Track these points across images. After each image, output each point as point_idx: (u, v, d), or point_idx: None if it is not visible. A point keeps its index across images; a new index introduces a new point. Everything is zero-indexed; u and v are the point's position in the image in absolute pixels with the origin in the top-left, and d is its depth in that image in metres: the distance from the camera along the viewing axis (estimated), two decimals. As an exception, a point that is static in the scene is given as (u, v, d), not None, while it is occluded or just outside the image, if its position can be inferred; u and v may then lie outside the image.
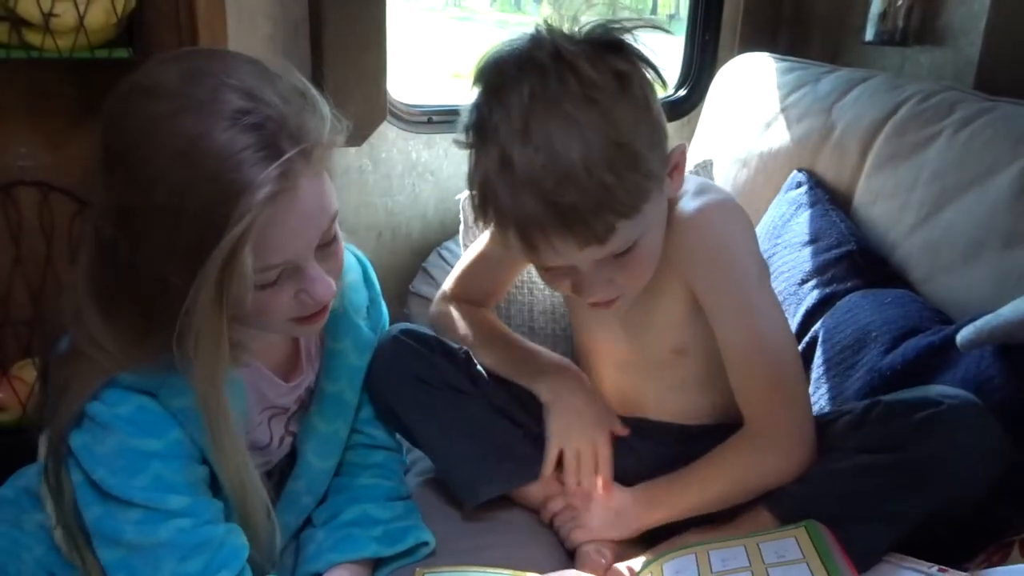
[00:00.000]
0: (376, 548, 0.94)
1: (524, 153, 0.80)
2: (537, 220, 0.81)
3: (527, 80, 0.80)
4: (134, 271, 0.73)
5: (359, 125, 1.41)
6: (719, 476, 0.97)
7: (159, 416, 0.78)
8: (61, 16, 1.07)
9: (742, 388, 0.97)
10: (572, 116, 0.79)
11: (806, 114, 1.42)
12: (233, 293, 0.71)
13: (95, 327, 0.75)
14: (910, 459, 0.86)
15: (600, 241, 0.83)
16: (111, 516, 0.77)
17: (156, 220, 0.70)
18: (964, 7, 1.41)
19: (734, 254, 0.95)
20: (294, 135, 0.71)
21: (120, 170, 0.71)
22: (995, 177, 1.11)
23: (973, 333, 0.93)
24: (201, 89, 0.70)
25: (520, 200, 0.81)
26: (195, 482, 0.80)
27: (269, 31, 1.37)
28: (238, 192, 0.68)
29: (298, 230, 0.75)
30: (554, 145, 0.79)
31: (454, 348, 1.07)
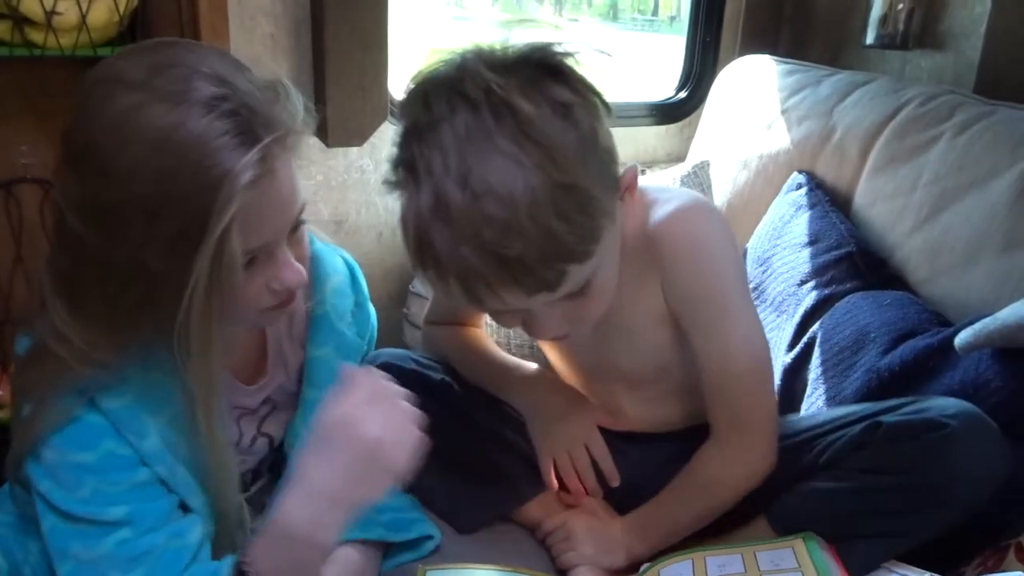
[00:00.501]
0: (383, 532, 0.94)
1: (462, 200, 0.72)
2: (479, 272, 0.75)
3: (459, 116, 0.73)
4: (104, 264, 0.72)
5: (361, 125, 1.42)
6: (696, 491, 0.97)
7: (91, 427, 0.77)
8: (64, 14, 1.07)
9: (711, 400, 0.96)
10: (512, 158, 0.72)
11: (807, 116, 1.42)
12: (224, 278, 0.71)
13: (61, 320, 0.75)
14: (918, 482, 0.85)
15: (550, 288, 0.77)
16: (58, 529, 0.77)
17: (133, 212, 0.69)
18: (965, 11, 1.42)
19: (710, 253, 0.91)
20: (269, 121, 0.72)
21: (91, 164, 0.70)
22: (994, 180, 1.11)
23: (971, 336, 0.94)
24: (171, 80, 0.70)
25: (459, 252, 0.74)
26: (134, 488, 0.79)
27: (271, 30, 1.37)
28: (220, 178, 0.68)
29: (275, 214, 0.76)
30: (494, 190, 0.72)
31: (434, 380, 1.05)
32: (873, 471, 0.88)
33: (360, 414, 0.74)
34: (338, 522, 0.75)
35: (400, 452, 0.74)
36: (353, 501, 0.75)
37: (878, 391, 1.04)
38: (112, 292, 0.73)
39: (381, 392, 0.76)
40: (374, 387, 0.76)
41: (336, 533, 0.75)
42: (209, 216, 0.68)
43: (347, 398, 0.75)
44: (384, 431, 0.74)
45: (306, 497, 0.74)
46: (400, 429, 0.75)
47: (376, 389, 0.76)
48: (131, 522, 0.78)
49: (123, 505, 0.78)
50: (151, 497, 0.80)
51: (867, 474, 0.88)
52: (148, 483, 0.80)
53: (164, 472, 0.80)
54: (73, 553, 0.77)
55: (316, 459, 0.74)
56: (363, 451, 0.74)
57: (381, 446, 0.73)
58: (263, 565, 0.75)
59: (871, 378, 1.06)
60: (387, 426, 0.74)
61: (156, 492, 0.80)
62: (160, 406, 0.81)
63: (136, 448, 0.78)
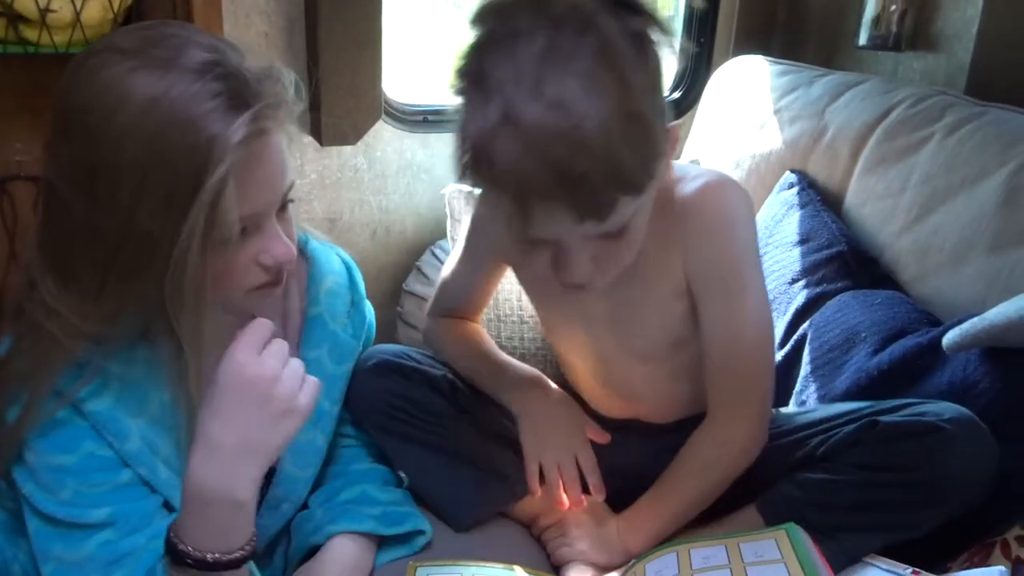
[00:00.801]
0: (374, 525, 0.94)
1: (534, 113, 0.70)
2: (539, 187, 0.72)
3: (541, 31, 0.71)
4: (94, 230, 0.72)
5: (355, 124, 1.43)
6: (688, 477, 0.98)
7: (72, 430, 0.77)
8: (58, 12, 1.07)
9: (712, 378, 0.97)
10: (590, 79, 0.70)
11: (799, 116, 1.43)
12: (217, 235, 0.71)
13: (51, 294, 0.75)
14: (911, 480, 0.86)
15: (600, 217, 0.76)
16: (42, 531, 0.77)
17: (125, 175, 0.69)
18: (957, 13, 1.42)
19: (735, 234, 0.92)
20: (260, 90, 0.73)
21: (82, 128, 0.70)
22: (984, 181, 1.12)
23: (959, 336, 0.94)
24: (163, 48, 0.71)
25: (523, 164, 0.71)
26: (116, 489, 0.79)
27: (265, 28, 1.37)
28: (212, 138, 0.69)
29: (265, 183, 0.76)
30: (568, 107, 0.70)
31: (435, 375, 1.05)
32: (867, 467, 0.89)
33: (246, 359, 0.71)
34: (251, 474, 0.71)
35: (292, 386, 0.72)
36: (260, 448, 0.71)
37: (867, 390, 1.05)
38: (103, 258, 0.73)
39: (266, 340, 0.73)
40: (258, 336, 0.73)
41: (253, 485, 0.72)
42: (203, 175, 0.69)
43: (233, 350, 0.72)
44: (273, 370, 0.71)
45: (210, 454, 0.70)
46: (290, 368, 0.73)
47: (260, 338, 0.73)
48: (114, 523, 0.78)
49: (105, 507, 0.78)
50: (133, 498, 0.80)
51: (860, 469, 0.89)
52: (130, 484, 0.80)
53: (146, 473, 0.80)
54: (56, 555, 0.77)
55: (212, 413, 0.71)
56: (256, 394, 0.70)
57: (274, 385, 0.71)
58: (190, 535, 0.72)
59: (860, 377, 1.07)
60: (276, 365, 0.72)
61: (138, 493, 0.80)
62: (141, 407, 0.80)
63: (117, 450, 0.78)
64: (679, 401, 1.05)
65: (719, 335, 0.94)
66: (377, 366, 1.01)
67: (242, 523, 0.73)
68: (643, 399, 1.06)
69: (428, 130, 1.56)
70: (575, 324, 1.04)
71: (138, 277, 0.73)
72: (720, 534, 0.93)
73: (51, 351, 0.75)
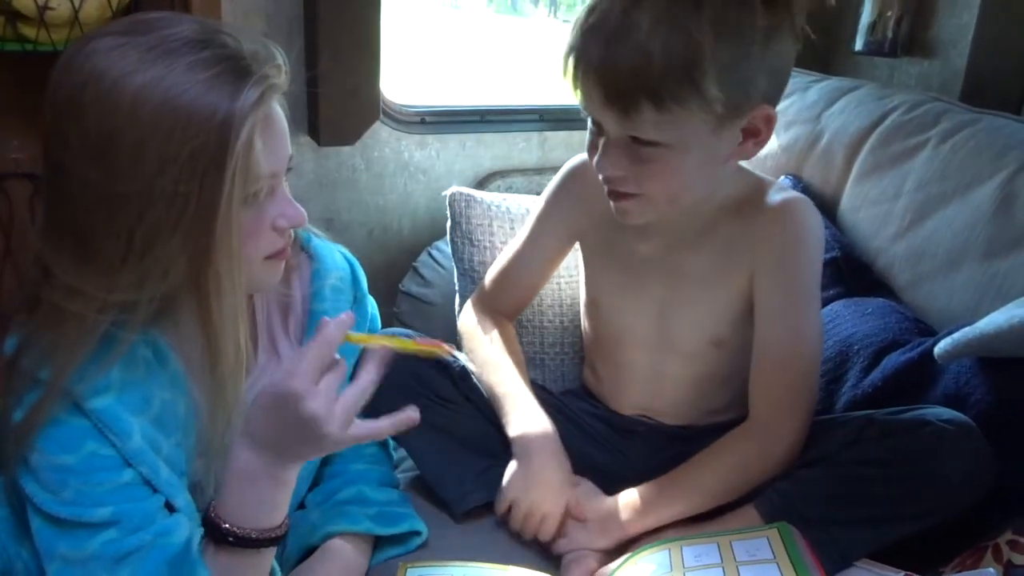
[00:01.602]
0: (370, 525, 0.95)
1: (612, 6, 0.84)
2: (586, 59, 0.86)
3: None
4: (114, 199, 0.72)
5: (353, 124, 1.43)
6: (712, 475, 0.99)
7: (74, 429, 0.77)
8: (56, 9, 1.07)
9: (763, 382, 0.99)
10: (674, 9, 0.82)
11: (794, 121, 1.43)
12: (248, 188, 0.75)
13: (71, 274, 0.75)
14: (904, 475, 0.88)
15: (623, 110, 0.86)
16: (45, 530, 0.78)
17: (146, 136, 0.70)
18: (953, 20, 1.43)
19: (810, 251, 0.97)
20: (259, 57, 0.75)
21: (91, 100, 0.71)
22: (977, 188, 1.13)
23: (951, 345, 0.95)
24: (157, 28, 0.73)
25: (585, 36, 0.86)
26: (119, 488, 0.79)
27: (263, 27, 1.37)
28: (234, 94, 0.71)
29: (277, 143, 0.78)
30: (640, 4, 0.83)
31: (448, 361, 1.05)
32: (862, 462, 0.90)
33: (304, 389, 0.74)
34: (296, 460, 0.79)
35: (343, 422, 0.75)
36: (306, 456, 0.79)
37: (863, 407, 1.04)
38: (127, 226, 0.73)
39: (328, 362, 0.76)
40: (321, 360, 0.76)
41: (297, 466, 0.79)
42: (228, 132, 0.71)
43: (291, 376, 0.75)
44: (327, 409, 0.74)
45: (254, 444, 0.77)
46: (342, 402, 0.76)
47: (322, 362, 0.76)
48: (117, 522, 0.78)
49: (108, 506, 0.77)
50: (136, 498, 0.79)
51: (856, 464, 0.91)
52: (132, 484, 0.79)
53: (147, 472, 0.80)
54: (60, 553, 0.77)
55: (260, 415, 0.77)
56: (308, 433, 0.75)
57: (327, 425, 0.74)
58: (232, 513, 0.78)
59: (856, 394, 1.08)
60: (328, 400, 0.75)
61: (141, 493, 0.80)
62: (143, 406, 0.80)
63: (119, 449, 0.78)
64: (695, 405, 1.08)
65: (776, 344, 0.98)
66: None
67: (283, 500, 0.80)
68: (662, 396, 1.08)
69: (425, 131, 1.57)
70: (625, 304, 1.07)
71: (165, 238, 0.73)
72: (713, 531, 0.94)
73: (76, 331, 0.75)
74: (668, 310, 1.04)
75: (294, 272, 0.96)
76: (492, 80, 5.96)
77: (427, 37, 2.66)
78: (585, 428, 1.12)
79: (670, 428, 1.09)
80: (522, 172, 1.66)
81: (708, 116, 0.86)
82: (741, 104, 0.87)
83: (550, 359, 1.31)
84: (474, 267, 1.31)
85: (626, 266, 1.06)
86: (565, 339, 1.30)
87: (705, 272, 1.00)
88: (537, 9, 4.64)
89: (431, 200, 1.60)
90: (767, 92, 0.88)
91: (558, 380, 1.29)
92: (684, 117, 0.85)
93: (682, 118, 0.85)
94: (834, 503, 0.91)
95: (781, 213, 0.97)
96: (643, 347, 1.07)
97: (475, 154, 1.63)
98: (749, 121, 0.89)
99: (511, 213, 1.35)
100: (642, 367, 1.08)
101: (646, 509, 0.99)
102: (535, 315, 1.30)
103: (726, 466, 0.98)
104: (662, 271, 1.03)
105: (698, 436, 1.04)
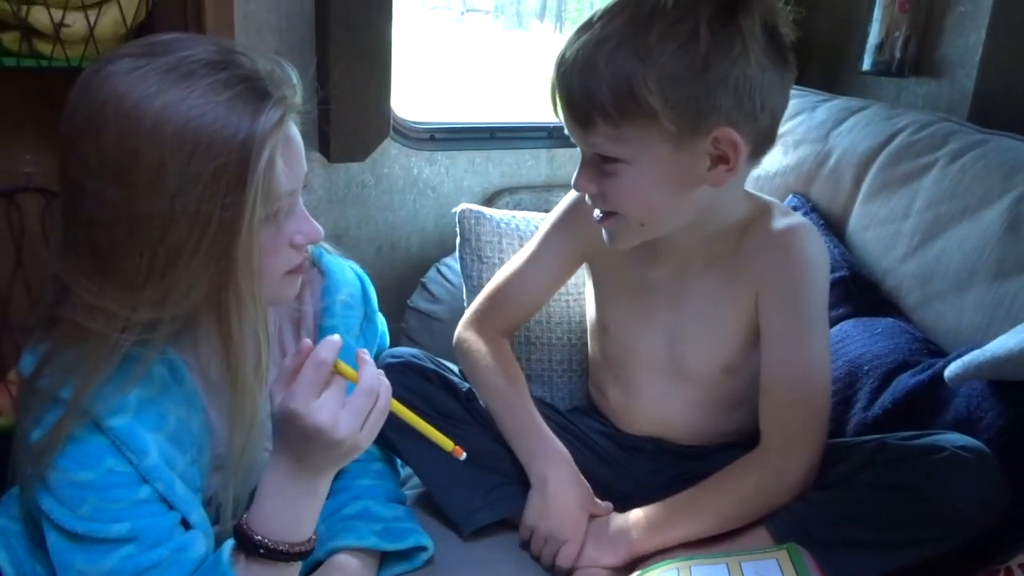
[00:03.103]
0: (376, 541, 0.95)
1: (591, 30, 0.88)
2: (554, 73, 0.91)
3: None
4: (136, 218, 0.72)
5: (363, 141, 1.44)
6: (725, 498, 0.98)
7: (92, 446, 0.78)
8: (72, 26, 1.08)
9: (773, 410, 0.99)
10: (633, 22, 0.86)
11: (803, 140, 1.44)
12: (270, 204, 0.76)
13: (91, 293, 0.75)
14: (917, 500, 0.87)
15: (581, 126, 0.90)
16: (61, 545, 0.78)
17: (168, 155, 0.71)
18: (960, 40, 1.44)
19: (814, 278, 0.97)
20: (275, 78, 0.77)
21: (112, 119, 0.71)
22: (987, 209, 1.13)
23: (960, 368, 0.95)
24: (174, 49, 0.74)
25: (563, 51, 0.91)
26: (136, 505, 0.79)
27: (275, 45, 1.38)
28: (255, 113, 0.72)
29: (295, 162, 0.79)
30: (599, 29, 0.87)
31: (455, 382, 1.08)
32: (875, 485, 0.90)
33: (303, 409, 0.75)
34: (326, 476, 0.81)
35: (353, 426, 0.77)
36: (319, 468, 0.80)
37: (874, 430, 1.04)
38: (148, 244, 0.73)
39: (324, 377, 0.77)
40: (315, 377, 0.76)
41: (328, 479, 0.82)
42: (249, 149, 0.72)
43: (289, 399, 0.76)
44: (331, 419, 0.75)
45: (280, 459, 0.79)
46: (350, 407, 0.77)
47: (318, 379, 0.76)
48: (135, 538, 0.78)
49: (125, 522, 0.78)
50: (153, 514, 0.80)
51: (868, 487, 0.91)
52: (150, 500, 0.80)
53: (163, 488, 0.80)
54: (77, 569, 0.77)
55: (278, 433, 0.79)
56: (320, 443, 0.76)
57: (334, 432, 0.76)
58: (264, 525, 0.79)
59: (866, 416, 1.07)
60: (332, 412, 0.76)
61: (157, 509, 0.80)
62: (159, 423, 0.81)
63: (136, 465, 0.79)
64: (706, 427, 1.07)
65: (783, 372, 0.97)
66: (396, 363, 1.04)
67: (312, 514, 0.82)
68: (672, 419, 1.08)
69: (435, 148, 1.58)
70: (634, 329, 1.07)
71: (187, 257, 0.73)
72: (723, 551, 0.93)
73: (98, 350, 0.76)
74: (677, 336, 1.04)
75: (306, 287, 0.97)
76: (500, 96, 5.98)
77: (434, 52, 2.67)
78: (592, 446, 1.12)
79: (680, 448, 1.09)
80: (530, 189, 1.67)
81: (661, 132, 0.87)
82: (696, 123, 0.87)
83: (558, 376, 1.31)
84: (483, 284, 1.30)
85: (635, 291, 1.06)
86: (573, 356, 1.30)
87: (712, 298, 1.00)
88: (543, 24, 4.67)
89: (440, 216, 1.61)
90: (729, 114, 0.87)
91: (566, 397, 1.29)
92: (637, 133, 0.87)
93: (635, 134, 0.87)
94: (846, 526, 0.90)
95: (784, 240, 0.97)
96: (653, 371, 1.07)
97: (484, 171, 1.63)
98: (714, 145, 0.89)
99: (520, 230, 1.35)
100: (652, 391, 1.08)
101: (657, 528, 0.98)
102: (543, 332, 1.30)
103: (740, 493, 0.98)
104: (670, 297, 1.04)
105: (709, 455, 1.04)
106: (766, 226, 0.98)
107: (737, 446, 1.03)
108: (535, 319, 1.27)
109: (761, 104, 0.88)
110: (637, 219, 0.95)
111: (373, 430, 0.79)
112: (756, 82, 0.87)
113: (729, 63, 0.85)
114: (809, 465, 0.96)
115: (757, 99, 0.87)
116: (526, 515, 1.02)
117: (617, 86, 0.85)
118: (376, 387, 0.78)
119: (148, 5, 1.14)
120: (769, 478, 0.97)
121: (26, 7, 1.05)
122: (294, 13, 1.38)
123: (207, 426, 0.86)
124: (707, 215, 0.97)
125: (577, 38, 0.89)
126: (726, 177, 0.91)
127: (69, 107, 0.74)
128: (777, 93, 0.91)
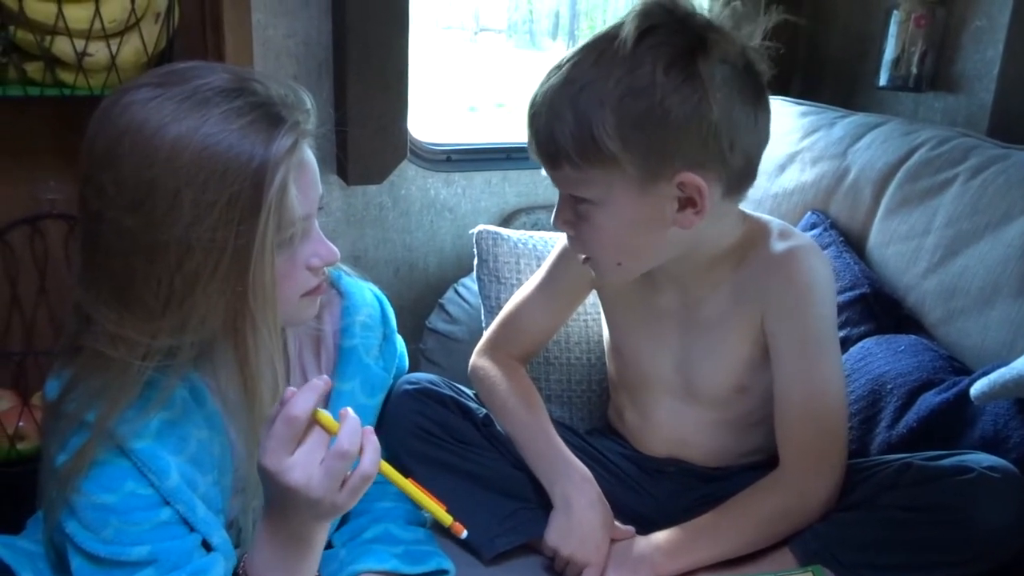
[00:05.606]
0: (397, 564, 0.94)
1: (559, 72, 0.89)
2: (529, 110, 0.92)
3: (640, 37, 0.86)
4: (154, 247, 0.73)
5: (380, 164, 1.45)
6: (748, 521, 0.97)
7: (115, 469, 0.78)
8: (94, 56, 1.10)
9: (788, 432, 0.98)
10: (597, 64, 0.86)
11: (821, 157, 1.43)
12: (283, 231, 0.76)
13: (112, 322, 0.76)
14: (942, 520, 0.86)
15: (551, 167, 0.92)
16: (84, 568, 0.78)
17: (183, 185, 0.72)
18: (978, 54, 1.43)
19: (819, 299, 0.96)
20: (289, 104, 0.78)
21: (128, 150, 0.72)
22: (1009, 225, 1.12)
23: (987, 387, 0.93)
24: (191, 77, 0.75)
25: (535, 92, 0.92)
26: (157, 527, 0.80)
27: (294, 71, 1.40)
28: (268, 141, 0.73)
29: (309, 187, 0.80)
30: (568, 70, 0.88)
31: (472, 408, 1.08)
32: (901, 507, 0.89)
33: (275, 466, 0.70)
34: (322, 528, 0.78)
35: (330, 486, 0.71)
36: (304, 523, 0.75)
37: (898, 451, 1.03)
38: (167, 272, 0.74)
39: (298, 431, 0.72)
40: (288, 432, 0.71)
41: (324, 533, 0.79)
42: (263, 177, 0.72)
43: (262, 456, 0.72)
44: (306, 476, 0.70)
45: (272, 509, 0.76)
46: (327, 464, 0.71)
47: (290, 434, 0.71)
48: (155, 561, 0.79)
49: (146, 544, 0.79)
50: (173, 536, 0.81)
51: (896, 509, 0.89)
52: (170, 523, 0.81)
53: (184, 510, 0.81)
54: None
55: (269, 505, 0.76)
56: (299, 501, 0.71)
57: (309, 491, 0.70)
58: (262, 570, 0.77)
59: (891, 436, 1.06)
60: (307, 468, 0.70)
61: (178, 532, 0.81)
62: (180, 445, 0.82)
63: (158, 487, 0.79)
64: (725, 448, 1.07)
65: (794, 394, 0.97)
66: (413, 390, 1.04)
67: (313, 563, 0.79)
68: (689, 439, 1.08)
69: (451, 169, 1.58)
70: (646, 352, 1.07)
71: (204, 284, 0.74)
72: (746, 574, 0.93)
73: (121, 377, 0.77)
74: (688, 358, 1.04)
75: (325, 308, 0.97)
76: (514, 117, 6.00)
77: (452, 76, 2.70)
78: (612, 469, 1.12)
79: (702, 469, 1.08)
80: (547, 208, 1.66)
81: (624, 176, 0.87)
82: (658, 168, 0.87)
83: (577, 396, 1.30)
84: (501, 304, 1.31)
85: (644, 316, 1.06)
86: (592, 376, 1.30)
87: (719, 320, 1.00)
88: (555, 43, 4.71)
89: (457, 237, 1.61)
90: (694, 158, 0.87)
91: (585, 418, 1.29)
92: (602, 176, 0.88)
93: (600, 177, 0.88)
94: (871, 548, 0.89)
95: (784, 263, 0.96)
96: (667, 393, 1.07)
97: (500, 191, 1.64)
98: (679, 188, 0.88)
99: (538, 250, 1.36)
100: (666, 412, 1.08)
101: (678, 551, 0.98)
102: (562, 352, 1.30)
103: (762, 515, 0.97)
104: (679, 320, 1.03)
105: (731, 476, 1.03)
106: (765, 249, 0.98)
107: (759, 467, 1.02)
108: (553, 340, 1.27)
109: (731, 144, 0.87)
110: (613, 260, 0.96)
111: (356, 493, 0.73)
112: (722, 125, 0.86)
113: (690, 108, 0.84)
114: (830, 485, 0.95)
115: (724, 141, 0.86)
116: (548, 536, 1.02)
117: (579, 130, 0.86)
118: (352, 450, 0.71)
119: (168, 33, 1.16)
120: (790, 499, 0.96)
121: (50, 38, 1.07)
122: (311, 39, 1.40)
123: (228, 448, 0.87)
124: (696, 246, 0.96)
125: (547, 80, 0.90)
126: (694, 220, 0.90)
127: (88, 138, 0.76)
128: (750, 131, 0.90)
